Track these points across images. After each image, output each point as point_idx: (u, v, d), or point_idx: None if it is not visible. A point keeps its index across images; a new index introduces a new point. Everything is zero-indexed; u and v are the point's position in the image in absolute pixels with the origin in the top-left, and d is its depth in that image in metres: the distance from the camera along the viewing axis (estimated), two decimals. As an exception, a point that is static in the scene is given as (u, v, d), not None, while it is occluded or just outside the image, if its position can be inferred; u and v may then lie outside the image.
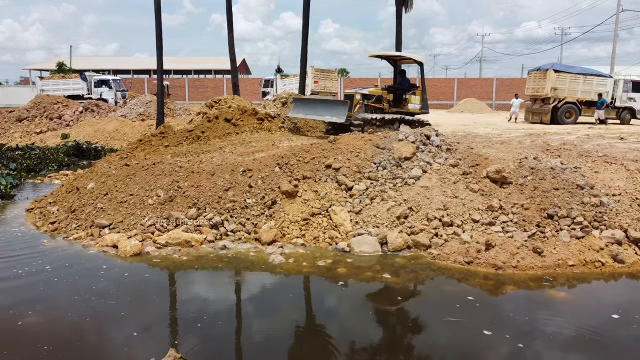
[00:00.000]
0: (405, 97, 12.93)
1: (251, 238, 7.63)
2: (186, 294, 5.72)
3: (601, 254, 6.69)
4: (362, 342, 4.70)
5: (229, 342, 4.73)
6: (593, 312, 5.39)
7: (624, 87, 23.11)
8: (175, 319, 5.16)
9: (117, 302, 5.46)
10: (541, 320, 5.14)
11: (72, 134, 20.18)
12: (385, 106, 12.74)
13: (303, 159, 8.96)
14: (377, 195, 8.22)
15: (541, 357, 4.41)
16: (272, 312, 5.33)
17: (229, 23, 21.74)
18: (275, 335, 4.84)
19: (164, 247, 7.31)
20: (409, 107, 13.04)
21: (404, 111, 13.00)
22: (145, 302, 5.57)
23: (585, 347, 4.50)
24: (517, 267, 6.43)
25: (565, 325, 4.99)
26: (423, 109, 13.08)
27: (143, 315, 5.22)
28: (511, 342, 4.60)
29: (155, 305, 5.52)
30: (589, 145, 12.27)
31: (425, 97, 13.07)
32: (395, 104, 12.95)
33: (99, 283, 5.99)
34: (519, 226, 7.21)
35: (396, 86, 13.22)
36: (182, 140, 11.37)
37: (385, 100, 12.73)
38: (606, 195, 7.75)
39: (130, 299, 5.64)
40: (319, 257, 6.95)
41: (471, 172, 8.36)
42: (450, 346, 4.62)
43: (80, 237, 7.73)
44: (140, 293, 5.81)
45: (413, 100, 12.98)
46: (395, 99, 13.09)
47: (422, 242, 7.17)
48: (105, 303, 5.42)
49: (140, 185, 8.60)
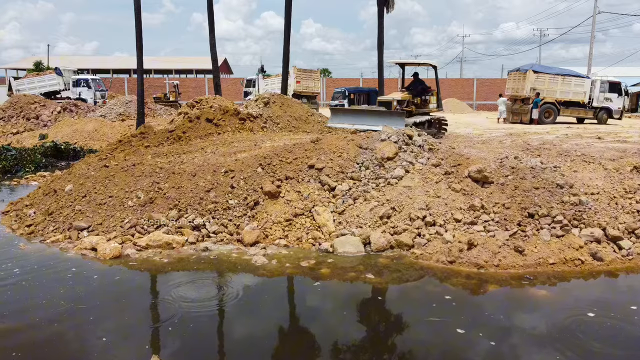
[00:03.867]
0: (425, 99, 14.22)
1: (233, 239, 7.55)
2: (166, 298, 5.63)
3: (581, 252, 6.78)
4: (344, 343, 4.68)
5: (210, 346, 4.66)
6: (571, 309, 5.44)
7: (601, 87, 23.55)
8: (154, 324, 5.07)
9: (93, 306, 5.34)
10: (520, 318, 5.19)
11: (51, 134, 19.79)
12: (413, 108, 14.00)
13: (286, 159, 8.91)
14: (360, 195, 8.22)
15: (515, 355, 4.46)
16: (254, 314, 5.27)
17: (210, 23, 21.55)
18: (257, 338, 4.79)
19: (145, 249, 7.20)
20: (429, 107, 14.45)
21: (426, 110, 14.31)
22: (124, 307, 5.46)
23: (560, 345, 4.54)
24: (499, 266, 6.48)
25: (542, 323, 5.04)
26: (439, 108, 14.65)
27: (120, 320, 5.11)
28: (485, 341, 4.64)
29: (134, 309, 5.41)
30: (567, 144, 12.45)
31: (440, 97, 14.58)
32: (418, 105, 14.28)
33: (75, 287, 5.86)
34: (500, 225, 7.27)
35: (419, 89, 14.35)
36: (163, 140, 11.22)
37: (412, 103, 13.97)
38: (585, 194, 7.86)
39: (108, 303, 5.52)
40: (302, 257, 6.91)
41: (453, 172, 8.41)
42: (430, 346, 4.64)
43: (58, 240, 7.56)
44: (118, 297, 5.70)
45: (432, 100, 14.46)
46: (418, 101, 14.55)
47: (405, 242, 7.18)
48: (81, 308, 5.29)
49: (119, 187, 8.46)
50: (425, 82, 14.70)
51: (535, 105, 22.26)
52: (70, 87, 29.99)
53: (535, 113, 22.11)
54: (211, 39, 21.49)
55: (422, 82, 14.62)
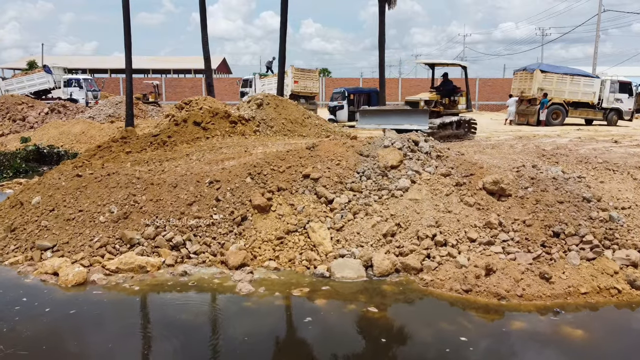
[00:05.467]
0: (454, 99, 14.06)
1: (217, 261, 6.65)
2: (126, 340, 4.71)
3: (616, 278, 5.87)
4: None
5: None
6: (614, 356, 4.54)
7: (611, 87, 22.60)
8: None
9: (31, 355, 4.40)
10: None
11: (36, 136, 18.88)
12: (441, 109, 13.79)
13: (278, 168, 8.01)
14: (361, 209, 7.31)
15: None
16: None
17: (202, 20, 20.67)
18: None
19: (115, 273, 6.29)
20: (458, 107, 14.27)
21: (455, 111, 14.07)
22: (67, 353, 4.53)
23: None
24: (522, 296, 5.57)
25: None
26: (468, 108, 14.53)
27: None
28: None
29: (82, 357, 4.48)
30: (584, 149, 11.54)
31: (469, 98, 14.59)
32: (446, 106, 14.09)
33: (18, 324, 4.92)
34: (521, 246, 6.36)
35: (448, 89, 14.20)
36: (145, 146, 10.32)
37: (440, 103, 13.79)
38: (615, 208, 6.95)
39: (50, 348, 4.58)
40: (295, 284, 6.00)
41: (465, 182, 7.50)
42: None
43: (17, 261, 6.65)
44: (66, 339, 4.76)
45: (462, 101, 14.30)
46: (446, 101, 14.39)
47: (412, 265, 6.27)
48: (12, 355, 4.36)
49: (91, 200, 7.54)
50: (453, 83, 14.53)
51: (542, 106, 21.33)
52: (62, 86, 29.00)
53: (543, 114, 21.17)
54: (203, 37, 20.63)
55: (451, 83, 14.44)
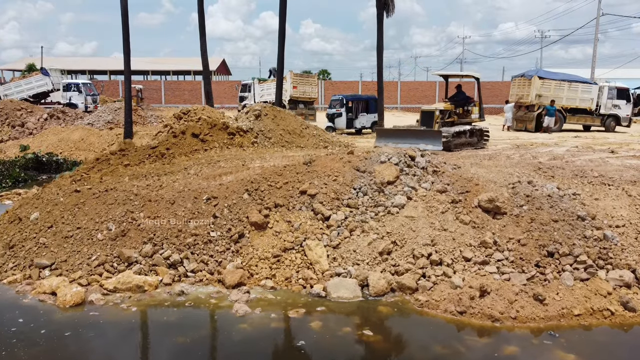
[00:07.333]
0: (468, 109, 14.56)
1: (214, 279, 6.69)
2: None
3: (609, 299, 5.92)
4: None
5: None
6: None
7: (608, 94, 22.65)
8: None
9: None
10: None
11: (35, 143, 18.88)
12: (455, 118, 14.29)
13: (275, 184, 8.06)
14: (357, 226, 7.36)
15: None
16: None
17: (200, 27, 20.72)
18: None
19: (112, 292, 6.34)
20: (471, 117, 14.74)
21: (468, 121, 14.56)
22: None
23: None
24: (516, 318, 5.61)
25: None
26: (481, 118, 14.96)
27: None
28: None
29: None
30: (580, 160, 11.60)
31: (482, 107, 14.95)
32: (460, 115, 14.63)
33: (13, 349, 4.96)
34: (516, 266, 6.41)
35: (461, 100, 14.70)
36: (144, 158, 10.36)
37: (454, 113, 14.31)
38: (609, 227, 7.00)
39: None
40: (291, 304, 6.05)
41: (461, 200, 7.55)
42: None
43: (15, 280, 6.69)
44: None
45: (475, 111, 14.77)
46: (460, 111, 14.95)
47: (407, 285, 6.31)
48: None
49: (89, 217, 7.58)
50: (465, 93, 15.09)
51: (550, 113, 21.31)
52: (60, 90, 29.00)
53: (549, 122, 21.19)
54: (202, 45, 20.68)
55: (464, 94, 14.99)
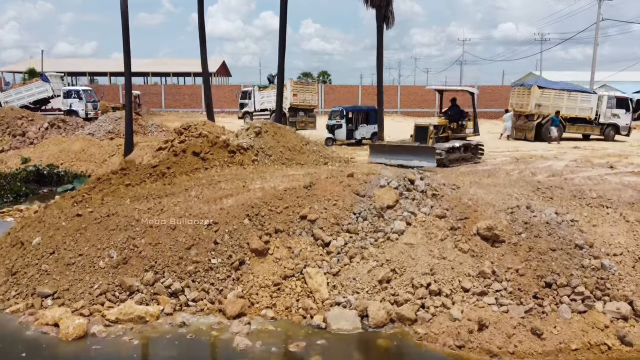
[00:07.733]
0: (462, 124, 14.73)
1: (215, 309, 6.76)
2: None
3: (606, 333, 5.99)
4: None
5: None
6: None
7: (608, 103, 22.68)
8: None
9: None
10: None
11: (36, 153, 18.90)
12: (449, 133, 14.41)
13: (275, 209, 8.12)
14: (357, 252, 7.43)
15: None
16: None
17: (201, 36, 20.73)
18: None
19: (114, 324, 6.40)
20: (466, 131, 14.85)
21: (462, 135, 14.70)
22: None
23: None
24: (514, 353, 5.69)
25: None
26: (475, 132, 15.04)
27: None
28: None
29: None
30: (579, 178, 11.64)
31: (477, 122, 15.08)
32: (454, 130, 14.79)
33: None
34: (514, 297, 6.47)
35: (455, 115, 14.82)
36: (145, 177, 10.40)
37: (448, 128, 14.48)
38: (607, 255, 7.06)
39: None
40: (291, 336, 6.13)
41: (460, 227, 7.61)
42: None
43: (18, 309, 6.75)
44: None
45: (469, 125, 14.89)
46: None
47: (407, 316, 6.38)
48: None
49: (91, 243, 7.64)
50: (460, 107, 15.10)
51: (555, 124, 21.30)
52: (61, 96, 29.07)
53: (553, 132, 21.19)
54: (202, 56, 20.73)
55: (459, 107, 15.02)
